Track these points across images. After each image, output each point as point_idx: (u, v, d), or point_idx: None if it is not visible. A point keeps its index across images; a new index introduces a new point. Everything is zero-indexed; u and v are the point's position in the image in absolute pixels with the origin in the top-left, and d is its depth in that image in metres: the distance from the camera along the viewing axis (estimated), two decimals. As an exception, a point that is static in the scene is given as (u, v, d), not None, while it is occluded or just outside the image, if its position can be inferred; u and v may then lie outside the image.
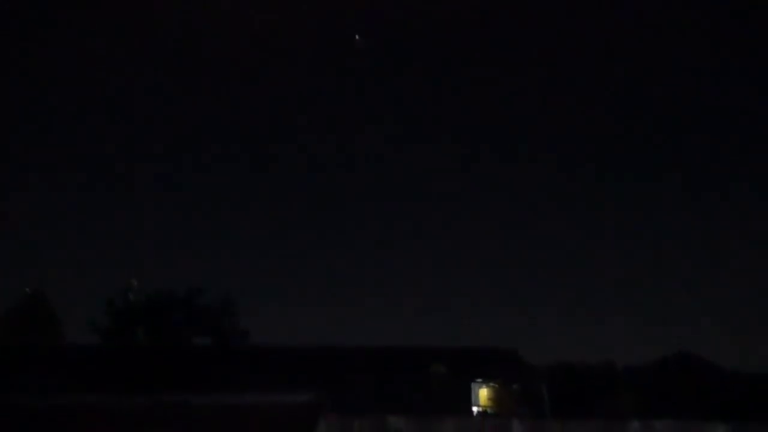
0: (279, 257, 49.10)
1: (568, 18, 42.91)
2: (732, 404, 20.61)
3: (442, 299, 46.33)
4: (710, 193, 49.89)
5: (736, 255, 48.55)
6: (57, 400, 10.46)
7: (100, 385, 14.45)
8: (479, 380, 22.72)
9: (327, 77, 48.62)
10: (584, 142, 50.47)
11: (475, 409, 22.18)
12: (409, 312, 43.81)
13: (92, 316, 18.20)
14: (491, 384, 22.95)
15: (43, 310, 20.61)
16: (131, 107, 47.66)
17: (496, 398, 22.87)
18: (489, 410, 22.40)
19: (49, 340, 19.85)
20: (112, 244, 44.67)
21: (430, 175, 51.06)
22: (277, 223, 51.27)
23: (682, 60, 46.12)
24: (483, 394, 22.99)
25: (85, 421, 10.27)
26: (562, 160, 50.31)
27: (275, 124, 50.02)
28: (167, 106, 48.58)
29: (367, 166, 50.80)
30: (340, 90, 49.47)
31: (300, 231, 51.11)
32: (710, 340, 43.40)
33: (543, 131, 50.64)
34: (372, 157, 49.78)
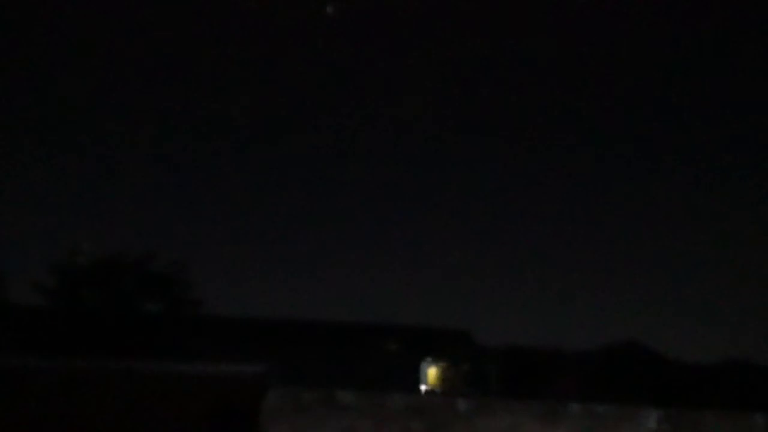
0: (235, 227, 48.70)
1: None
2: (672, 392, 21.37)
3: (397, 277, 46.60)
4: (661, 183, 51.03)
5: (686, 247, 49.98)
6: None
7: (42, 347, 14.15)
8: (429, 359, 23.07)
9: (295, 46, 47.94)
10: (550, 129, 51.03)
11: (423, 387, 22.54)
12: (363, 288, 43.97)
13: (37, 277, 17.66)
14: (441, 363, 23.34)
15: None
16: (90, 71, 46.20)
17: (445, 377, 23.29)
18: (437, 389, 22.80)
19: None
20: (62, 204, 43.43)
21: (387, 150, 50.95)
22: (233, 192, 50.71)
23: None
24: (432, 372, 23.38)
25: (25, 385, 10.07)
26: (518, 140, 50.65)
27: (231, 87, 49.18)
28: (122, 70, 47.28)
29: (327, 135, 50.48)
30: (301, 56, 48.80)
31: (255, 202, 50.65)
32: (657, 330, 44.77)
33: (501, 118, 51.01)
34: (331, 127, 49.47)
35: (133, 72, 46.61)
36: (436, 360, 23.18)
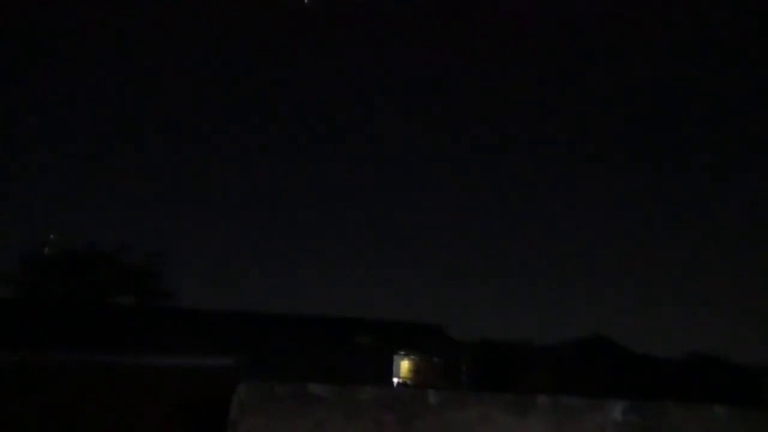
0: (208, 221, 48.37)
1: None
2: (639, 385, 21.80)
3: (372, 272, 46.81)
4: (628, 183, 51.92)
5: (654, 245, 50.85)
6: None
7: (10, 341, 13.94)
8: (402, 353, 23.22)
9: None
10: (516, 121, 51.44)
11: (396, 380, 22.68)
12: (337, 282, 44.05)
13: (5, 268, 17.38)
14: (413, 357, 23.53)
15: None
16: (65, 63, 45.36)
17: (417, 370, 23.50)
18: (409, 382, 22.98)
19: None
20: (33, 194, 42.75)
21: (363, 144, 51.04)
22: (208, 186, 50.33)
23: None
24: (404, 366, 23.57)
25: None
26: (493, 138, 51.10)
27: (209, 77, 48.71)
28: (96, 63, 46.58)
29: (298, 134, 50.32)
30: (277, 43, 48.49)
31: (230, 196, 50.38)
32: (625, 325, 45.64)
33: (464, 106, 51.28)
34: (305, 128, 49.34)
35: (106, 64, 45.93)
36: (408, 353, 23.35)
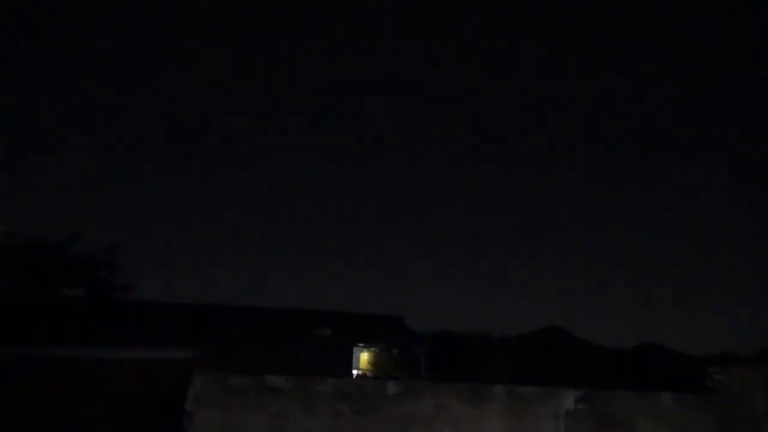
0: (166, 212, 47.61)
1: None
2: (592, 374, 22.29)
3: (333, 264, 46.73)
4: (583, 178, 52.93)
5: (606, 240, 51.94)
6: None
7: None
8: (361, 344, 23.28)
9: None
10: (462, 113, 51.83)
11: (355, 372, 22.73)
12: (298, 275, 43.88)
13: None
14: (372, 348, 23.63)
15: None
16: (16, 53, 43.88)
17: (377, 362, 23.62)
18: (369, 373, 23.06)
19: None
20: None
21: (322, 139, 50.84)
22: (165, 176, 49.48)
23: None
24: (364, 357, 23.66)
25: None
26: (459, 133, 51.52)
27: (166, 73, 47.81)
28: (51, 52, 45.26)
29: (254, 127, 49.89)
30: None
31: (188, 186, 49.60)
32: (579, 316, 46.65)
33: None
34: (256, 119, 48.90)
35: (60, 54, 44.64)
36: (368, 345, 23.43)
